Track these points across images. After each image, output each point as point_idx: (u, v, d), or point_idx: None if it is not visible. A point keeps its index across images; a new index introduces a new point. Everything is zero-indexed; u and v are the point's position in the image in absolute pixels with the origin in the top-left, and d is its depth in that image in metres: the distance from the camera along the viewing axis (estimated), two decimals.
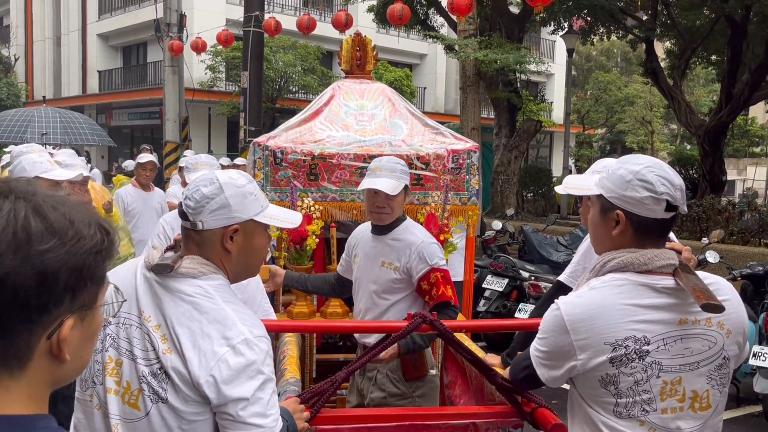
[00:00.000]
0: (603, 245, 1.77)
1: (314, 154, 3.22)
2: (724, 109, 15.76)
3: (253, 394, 1.54)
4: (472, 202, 3.26)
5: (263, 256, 1.80)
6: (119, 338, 1.62)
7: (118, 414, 1.60)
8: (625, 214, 1.69)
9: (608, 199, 1.72)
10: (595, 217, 1.78)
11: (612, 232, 1.72)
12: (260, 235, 1.75)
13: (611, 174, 1.73)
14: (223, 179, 1.71)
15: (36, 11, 31.32)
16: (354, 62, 3.57)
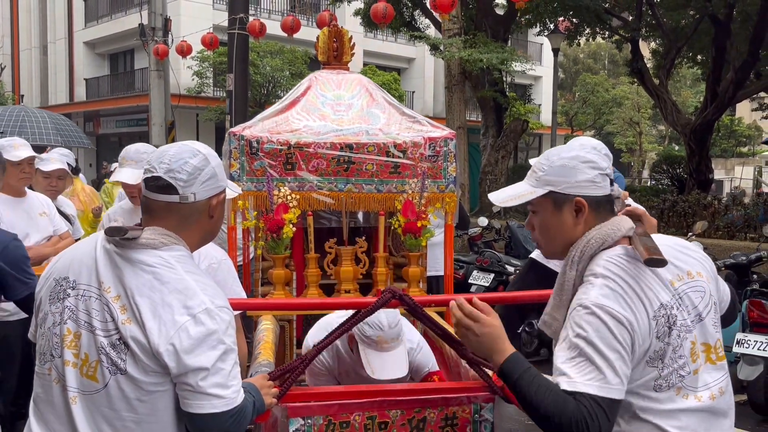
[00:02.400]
0: (564, 241, 1.71)
1: (290, 144, 3.21)
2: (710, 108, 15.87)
3: (213, 364, 1.53)
4: (450, 190, 3.26)
5: (220, 225, 1.85)
6: (78, 310, 1.61)
7: (76, 386, 1.59)
8: (584, 199, 1.68)
9: (561, 191, 1.69)
10: (549, 216, 1.72)
11: (574, 222, 1.69)
12: (224, 203, 1.81)
13: (551, 168, 1.71)
14: (205, 150, 1.74)
15: (22, 20, 31.20)
16: (331, 53, 3.57)
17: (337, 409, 2.16)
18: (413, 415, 2.21)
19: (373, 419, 2.18)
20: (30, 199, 3.89)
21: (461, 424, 2.25)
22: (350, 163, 3.22)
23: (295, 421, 2.13)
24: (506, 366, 1.61)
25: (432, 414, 2.22)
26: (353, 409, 2.17)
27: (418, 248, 3.21)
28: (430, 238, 3.24)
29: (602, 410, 1.47)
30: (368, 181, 3.23)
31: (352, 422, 2.17)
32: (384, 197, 3.22)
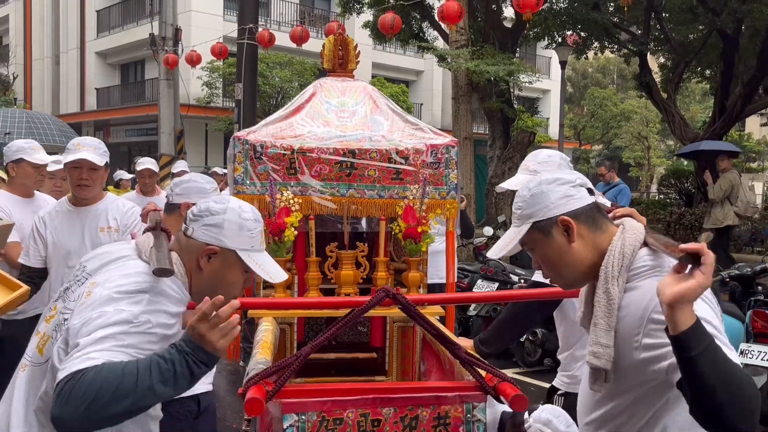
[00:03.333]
0: (572, 266, 1.67)
1: (294, 148, 3.24)
2: (718, 122, 15.87)
3: (97, 328, 1.52)
4: (451, 196, 3.28)
5: (233, 293, 1.78)
6: (70, 291, 1.72)
7: (30, 355, 1.72)
8: (567, 216, 1.65)
9: (541, 218, 1.67)
10: (544, 248, 1.69)
11: (570, 242, 1.65)
12: (236, 271, 1.78)
13: (525, 203, 1.70)
14: (233, 205, 1.79)
15: (35, 30, 31.57)
16: (336, 61, 3.61)
17: (331, 406, 2.17)
18: (406, 413, 2.23)
19: (366, 416, 2.20)
20: (37, 200, 3.99)
21: (454, 423, 2.26)
22: (352, 169, 3.25)
23: (289, 417, 2.14)
24: (699, 325, 1.39)
25: (424, 412, 2.23)
26: (347, 405, 2.19)
27: (418, 253, 3.24)
28: (431, 243, 3.26)
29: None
30: (370, 186, 3.26)
31: (345, 419, 2.19)
32: (385, 203, 3.25)
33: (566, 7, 16.38)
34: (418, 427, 2.23)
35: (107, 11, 28.00)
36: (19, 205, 3.83)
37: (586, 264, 1.66)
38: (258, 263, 1.77)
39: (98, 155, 3.35)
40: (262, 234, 1.81)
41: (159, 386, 1.47)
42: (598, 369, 1.58)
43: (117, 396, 1.44)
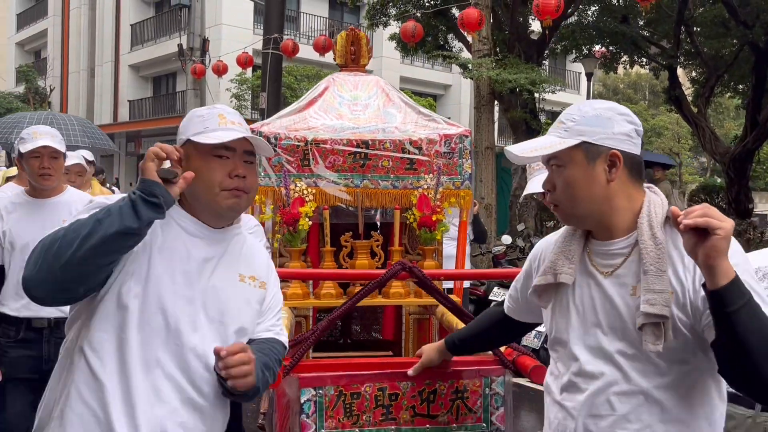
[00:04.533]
0: (591, 201, 1.55)
1: (308, 140, 3.27)
2: (750, 136, 15.61)
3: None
4: (465, 186, 3.28)
5: (207, 182, 1.67)
6: None
7: None
8: (621, 153, 1.53)
9: (594, 142, 1.53)
10: (578, 172, 1.54)
11: (607, 179, 1.53)
12: (197, 159, 1.68)
13: (584, 118, 1.56)
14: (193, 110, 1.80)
15: (72, 44, 32.37)
16: (348, 56, 3.65)
17: (348, 380, 2.20)
18: (424, 387, 2.25)
19: (383, 390, 2.22)
20: None
21: (472, 397, 2.28)
22: (366, 160, 3.26)
23: (306, 392, 2.17)
24: (739, 280, 1.34)
25: (443, 386, 2.26)
26: (364, 380, 2.21)
27: (432, 242, 3.24)
28: (446, 231, 3.26)
29: None
30: (384, 177, 3.27)
31: (363, 393, 2.21)
32: (399, 193, 3.26)
33: (594, 21, 16.32)
34: (436, 401, 2.26)
35: (141, 25, 28.61)
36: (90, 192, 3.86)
37: (612, 206, 1.56)
38: (208, 136, 1.66)
39: (57, 143, 3.21)
40: (221, 116, 1.71)
41: (105, 218, 1.51)
42: (656, 320, 1.45)
43: (69, 240, 1.50)
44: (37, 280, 1.51)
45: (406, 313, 3.44)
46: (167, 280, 1.64)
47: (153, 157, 1.58)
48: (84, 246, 1.48)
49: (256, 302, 1.78)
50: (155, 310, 1.62)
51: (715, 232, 1.33)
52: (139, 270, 1.62)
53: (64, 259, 1.48)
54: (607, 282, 1.58)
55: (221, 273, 1.72)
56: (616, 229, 1.58)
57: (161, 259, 1.64)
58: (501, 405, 2.30)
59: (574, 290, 1.64)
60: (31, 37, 36.97)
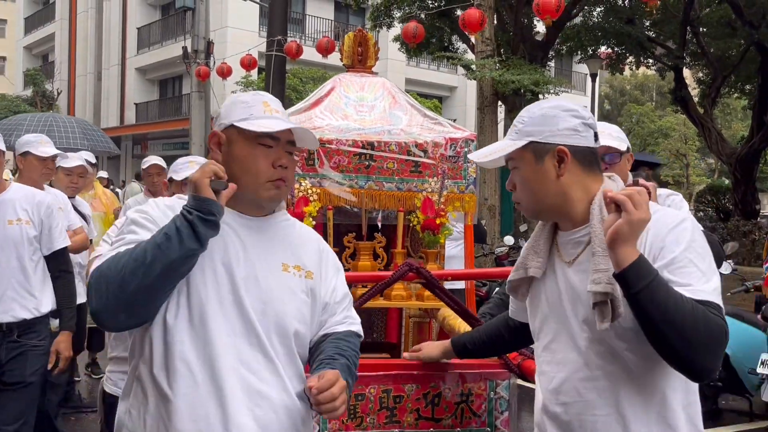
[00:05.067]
0: (546, 197, 1.61)
1: None
2: (756, 137, 15.58)
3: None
4: (469, 190, 3.26)
5: (252, 171, 1.64)
6: None
7: None
8: (567, 148, 1.58)
9: (541, 141, 1.60)
10: (530, 170, 1.61)
11: (557, 174, 1.59)
12: (241, 145, 1.64)
13: (531, 119, 1.63)
14: (235, 94, 1.78)
15: (79, 48, 32.56)
16: (355, 57, 3.64)
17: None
18: (429, 390, 2.24)
19: (388, 393, 2.22)
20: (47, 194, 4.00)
21: (477, 401, 2.27)
22: (371, 161, 3.25)
23: None
24: (642, 262, 1.41)
25: (447, 390, 2.25)
26: (369, 381, 2.20)
27: (436, 245, 3.23)
28: (449, 235, 3.25)
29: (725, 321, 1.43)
30: (389, 179, 3.26)
31: (368, 395, 2.20)
32: (404, 195, 3.24)
33: (600, 22, 16.31)
34: (441, 404, 2.25)
35: (147, 28, 28.75)
36: (44, 192, 3.86)
37: (567, 198, 1.61)
38: (256, 124, 1.62)
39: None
40: (265, 103, 1.68)
41: (164, 243, 1.48)
42: (602, 298, 1.47)
43: (132, 270, 1.47)
44: (108, 312, 1.50)
45: (407, 315, 3.42)
46: (209, 273, 1.60)
47: (210, 175, 1.55)
48: (150, 275, 1.47)
49: (302, 292, 1.70)
50: (197, 308, 1.59)
51: (623, 214, 1.41)
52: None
53: (131, 289, 1.47)
54: (570, 270, 1.62)
55: (262, 262, 1.66)
56: (575, 219, 1.63)
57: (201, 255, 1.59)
58: (506, 409, 2.29)
59: (545, 282, 1.69)
60: (39, 40, 37.20)
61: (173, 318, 1.58)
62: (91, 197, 5.57)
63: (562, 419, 1.62)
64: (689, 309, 1.39)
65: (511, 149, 1.63)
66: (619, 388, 1.55)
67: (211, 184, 1.55)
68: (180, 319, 1.58)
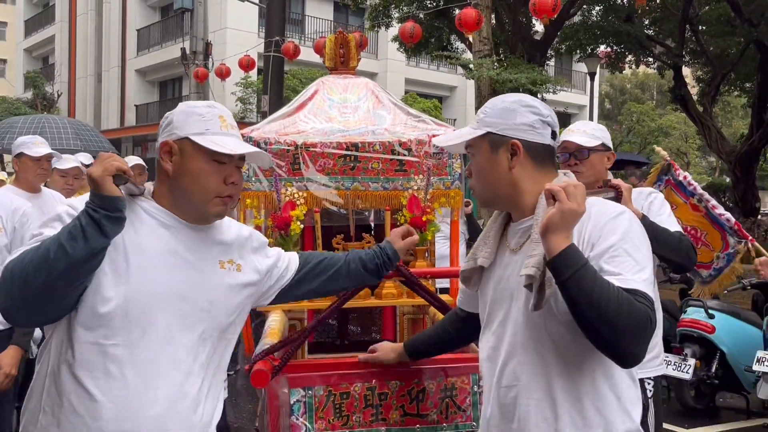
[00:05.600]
0: (499, 186, 1.68)
1: (297, 144, 3.27)
2: (756, 135, 15.56)
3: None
4: (455, 186, 3.27)
5: (203, 187, 1.65)
6: None
7: None
8: (520, 143, 1.65)
9: (498, 132, 1.66)
10: (485, 159, 1.68)
11: (509, 166, 1.65)
12: (196, 159, 1.64)
13: (492, 111, 1.69)
14: (187, 103, 1.75)
15: (79, 50, 32.61)
16: (338, 59, 3.64)
17: (337, 380, 2.21)
18: (412, 386, 2.25)
19: (372, 390, 2.23)
20: (45, 195, 4.01)
21: (460, 395, 2.28)
22: (356, 162, 3.26)
23: (296, 392, 2.18)
24: (572, 250, 1.47)
25: (431, 385, 2.26)
26: (353, 379, 2.22)
27: (424, 242, 3.24)
28: (437, 231, 3.26)
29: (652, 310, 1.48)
30: (374, 179, 3.26)
31: (352, 392, 2.22)
32: (390, 194, 3.25)
33: (598, 21, 16.30)
34: (425, 399, 2.26)
35: (147, 30, 28.79)
36: (24, 200, 3.80)
37: (517, 190, 1.67)
38: (214, 141, 1.62)
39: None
40: (221, 118, 1.68)
41: (68, 242, 1.46)
42: (530, 281, 1.53)
43: (36, 267, 1.46)
44: (14, 308, 1.50)
45: (401, 313, 3.44)
46: (151, 275, 1.60)
47: (113, 172, 1.53)
48: (54, 273, 1.46)
49: (239, 286, 1.77)
50: (140, 310, 1.58)
51: (556, 204, 1.48)
52: (116, 270, 1.57)
53: (36, 287, 1.47)
54: (516, 258, 1.68)
55: (203, 262, 1.69)
56: (524, 210, 1.69)
57: (141, 257, 1.60)
58: None
59: (493, 270, 1.75)
60: (39, 43, 37.27)
61: (102, 317, 1.57)
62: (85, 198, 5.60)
63: (502, 402, 1.68)
64: (614, 297, 1.43)
65: (469, 137, 1.71)
66: (551, 372, 1.60)
67: (114, 180, 1.54)
68: (112, 318, 1.57)
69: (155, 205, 1.67)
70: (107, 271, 1.56)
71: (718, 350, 5.25)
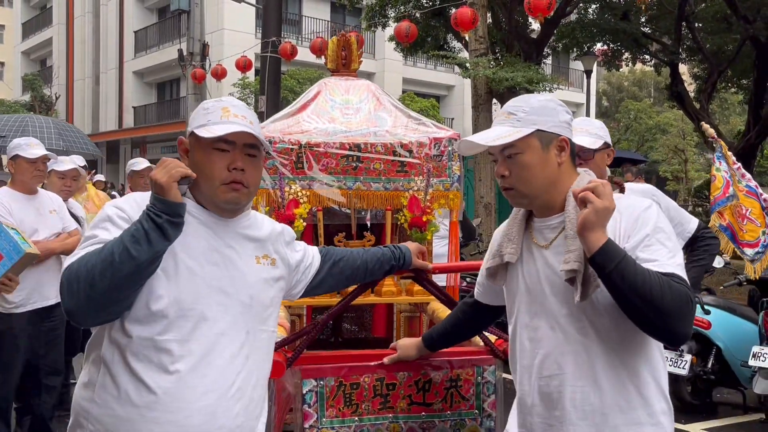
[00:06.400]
0: (545, 182, 1.73)
1: (301, 143, 3.33)
2: (752, 131, 15.59)
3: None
4: (454, 188, 3.34)
5: (208, 176, 1.71)
6: None
7: None
8: (567, 139, 1.74)
9: (547, 129, 1.71)
10: (535, 156, 1.71)
11: (558, 161, 1.72)
12: (199, 151, 1.72)
13: (533, 109, 1.73)
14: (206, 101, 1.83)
15: (77, 52, 32.62)
16: (340, 61, 3.70)
17: (348, 371, 2.31)
18: (419, 377, 2.35)
19: (381, 381, 2.33)
20: (41, 197, 4.04)
21: (465, 385, 2.39)
22: (359, 162, 3.32)
23: (308, 383, 2.29)
24: (611, 245, 1.56)
25: (437, 376, 2.36)
26: (363, 371, 2.32)
27: (423, 242, 3.29)
28: (436, 232, 3.32)
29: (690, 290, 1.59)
30: (376, 179, 3.33)
31: (362, 383, 2.32)
32: (391, 195, 3.31)
33: (595, 18, 16.34)
34: (431, 389, 2.37)
35: (144, 32, 28.80)
36: (21, 201, 3.87)
37: (557, 187, 1.74)
38: (207, 129, 1.68)
39: None
40: (224, 109, 1.73)
41: (133, 246, 1.53)
42: (571, 275, 1.62)
43: (101, 270, 1.53)
44: (80, 310, 1.57)
45: (398, 311, 3.51)
46: (198, 274, 1.67)
47: (178, 178, 1.61)
48: (118, 275, 1.53)
49: (273, 280, 1.85)
50: (190, 306, 1.66)
51: (587, 205, 1.56)
52: (166, 270, 1.64)
53: (101, 289, 1.54)
54: (548, 253, 1.75)
55: (241, 259, 1.76)
56: (554, 207, 1.76)
57: (187, 255, 1.67)
58: (492, 392, 2.41)
59: (522, 266, 1.81)
60: (37, 45, 37.27)
61: (155, 314, 1.64)
62: (84, 199, 5.64)
63: (544, 391, 1.75)
64: (656, 281, 1.54)
65: (519, 135, 1.71)
66: (596, 360, 1.68)
67: (179, 186, 1.62)
68: (165, 315, 1.64)
69: (194, 204, 1.74)
70: (159, 272, 1.63)
71: (714, 346, 5.27)
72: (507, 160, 1.74)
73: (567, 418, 1.70)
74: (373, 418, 2.33)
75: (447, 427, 2.37)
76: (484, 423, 2.40)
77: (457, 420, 2.38)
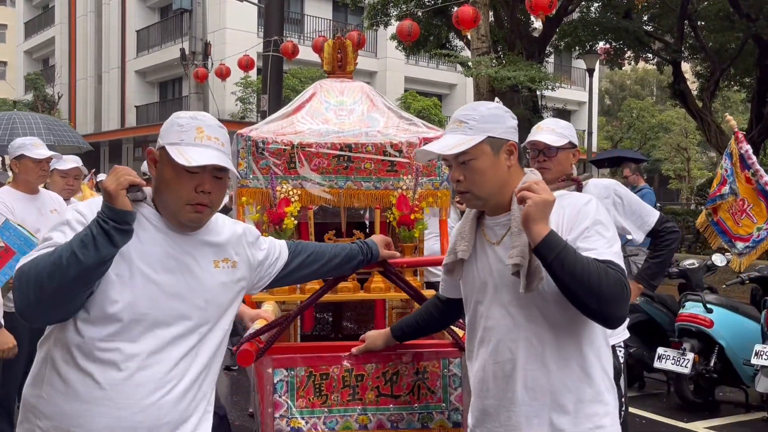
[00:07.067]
0: (498, 185, 1.85)
1: (293, 144, 3.36)
2: (755, 129, 15.57)
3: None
4: (444, 187, 3.38)
5: (174, 194, 1.75)
6: None
7: None
8: (515, 143, 1.87)
9: (497, 136, 1.84)
10: (487, 161, 1.83)
11: (508, 164, 1.86)
12: (168, 168, 1.74)
13: (483, 117, 1.85)
14: (179, 112, 1.86)
15: (79, 51, 32.69)
16: (335, 63, 3.73)
17: (318, 362, 2.38)
18: (387, 368, 2.41)
19: (350, 372, 2.39)
20: (42, 196, 4.06)
21: (431, 377, 2.44)
22: (350, 162, 3.35)
23: (279, 372, 2.35)
24: (552, 236, 1.69)
25: (404, 368, 2.42)
26: (332, 361, 2.39)
27: (412, 240, 3.34)
28: (424, 229, 3.36)
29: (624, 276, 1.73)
30: (366, 178, 3.36)
31: (331, 374, 2.38)
32: (381, 193, 3.35)
33: (597, 17, 16.33)
34: (399, 381, 2.43)
35: (146, 31, 28.84)
36: (23, 201, 3.89)
37: (507, 188, 1.86)
38: (180, 151, 1.69)
39: None
40: (199, 129, 1.75)
41: (80, 250, 1.57)
42: (516, 269, 1.75)
43: (50, 272, 1.58)
44: (30, 308, 1.62)
45: (389, 307, 3.56)
46: (153, 280, 1.72)
47: (126, 186, 1.64)
48: (66, 278, 1.57)
49: (233, 282, 1.91)
50: (144, 311, 1.71)
51: (528, 200, 1.69)
52: (121, 276, 1.69)
53: (50, 291, 1.58)
54: (498, 248, 1.89)
55: (198, 265, 1.81)
56: (504, 206, 1.90)
57: (143, 262, 1.72)
58: (459, 386, 2.45)
59: (476, 262, 1.95)
60: (39, 45, 37.36)
61: (110, 317, 1.69)
62: (79, 200, 5.67)
63: (498, 375, 1.88)
64: (594, 269, 1.67)
65: (473, 143, 1.83)
66: (545, 345, 1.82)
67: (129, 197, 1.65)
68: (119, 318, 1.69)
69: (153, 211, 1.79)
70: (113, 277, 1.68)
71: (716, 344, 5.25)
72: (461, 166, 1.86)
73: (519, 399, 1.84)
74: (342, 410, 2.39)
75: (415, 420, 2.41)
76: (451, 416, 2.44)
77: (424, 413, 2.43)
